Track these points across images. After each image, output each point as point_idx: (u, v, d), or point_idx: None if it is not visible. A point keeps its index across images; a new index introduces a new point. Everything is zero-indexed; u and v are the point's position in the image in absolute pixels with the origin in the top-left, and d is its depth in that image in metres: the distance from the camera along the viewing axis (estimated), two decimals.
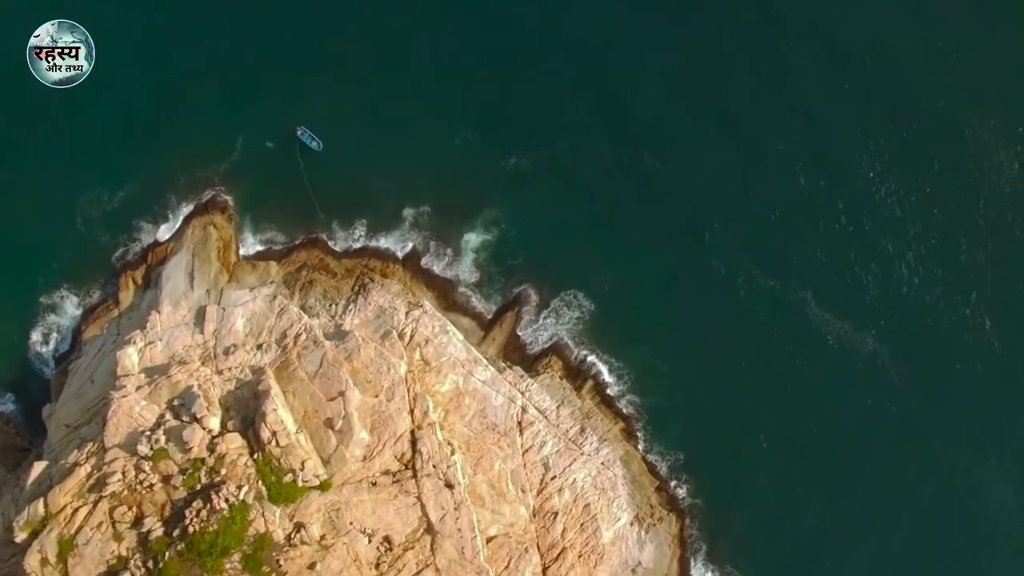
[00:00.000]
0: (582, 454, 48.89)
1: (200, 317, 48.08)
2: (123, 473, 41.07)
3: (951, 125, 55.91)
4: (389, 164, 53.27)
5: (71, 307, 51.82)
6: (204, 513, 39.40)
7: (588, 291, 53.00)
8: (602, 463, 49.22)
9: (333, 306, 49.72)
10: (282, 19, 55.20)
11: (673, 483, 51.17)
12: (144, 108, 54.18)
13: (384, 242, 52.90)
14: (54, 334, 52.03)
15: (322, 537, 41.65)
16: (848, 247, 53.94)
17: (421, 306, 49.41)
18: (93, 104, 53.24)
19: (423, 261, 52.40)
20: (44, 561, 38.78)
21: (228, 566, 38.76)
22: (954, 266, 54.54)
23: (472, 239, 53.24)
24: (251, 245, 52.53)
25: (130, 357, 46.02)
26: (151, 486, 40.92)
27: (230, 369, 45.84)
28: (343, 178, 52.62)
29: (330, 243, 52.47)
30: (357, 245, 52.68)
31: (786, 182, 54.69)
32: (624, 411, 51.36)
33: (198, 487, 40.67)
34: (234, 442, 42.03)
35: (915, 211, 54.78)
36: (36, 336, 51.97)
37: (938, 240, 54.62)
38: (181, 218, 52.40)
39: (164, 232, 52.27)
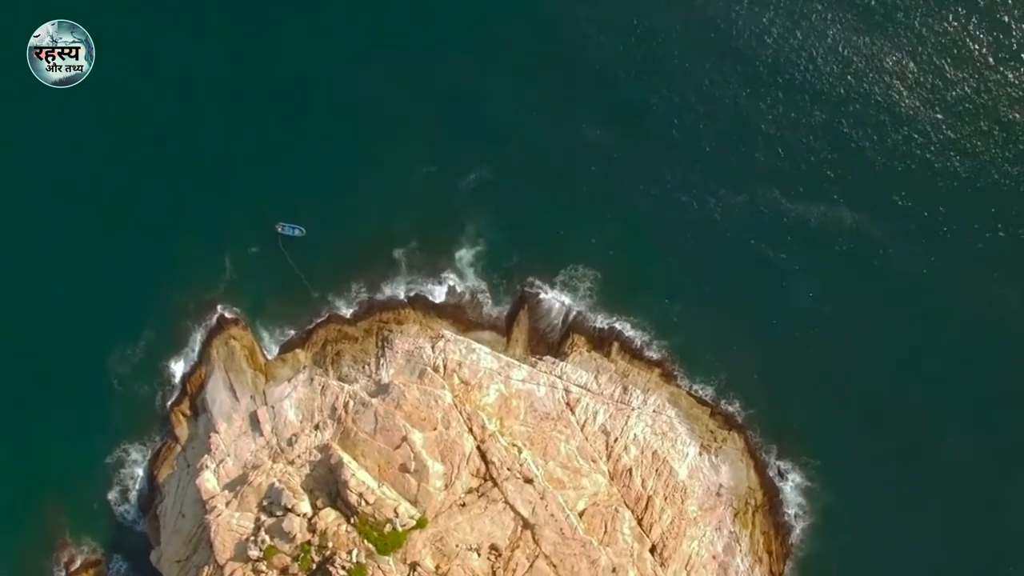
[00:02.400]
0: (633, 410, 53.49)
1: (254, 422, 52.84)
2: None
3: None
4: (366, 221, 57.27)
5: (137, 458, 56.27)
6: None
7: (585, 263, 57.04)
8: (653, 411, 53.83)
9: (366, 367, 54.38)
10: (223, 130, 58.99)
11: (723, 403, 55.44)
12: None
13: (387, 292, 56.90)
14: (131, 489, 56.47)
15: (437, 567, 46.43)
16: (791, 134, 58.17)
17: (442, 336, 53.99)
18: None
19: (428, 295, 56.56)
20: None
21: None
22: (898, 111, 58.83)
23: (464, 256, 57.34)
24: (272, 343, 56.89)
25: (208, 481, 50.92)
26: None
27: (299, 456, 50.59)
28: (330, 251, 56.86)
29: (340, 313, 56.72)
30: (364, 305, 56.89)
31: (713, 103, 58.94)
32: (655, 358, 55.67)
33: (314, 566, 45.46)
34: (329, 516, 46.78)
35: (836, 72, 59.42)
36: (114, 496, 56.19)
37: (875, 93, 59.18)
38: (201, 344, 56.76)
39: (192, 362, 56.78)
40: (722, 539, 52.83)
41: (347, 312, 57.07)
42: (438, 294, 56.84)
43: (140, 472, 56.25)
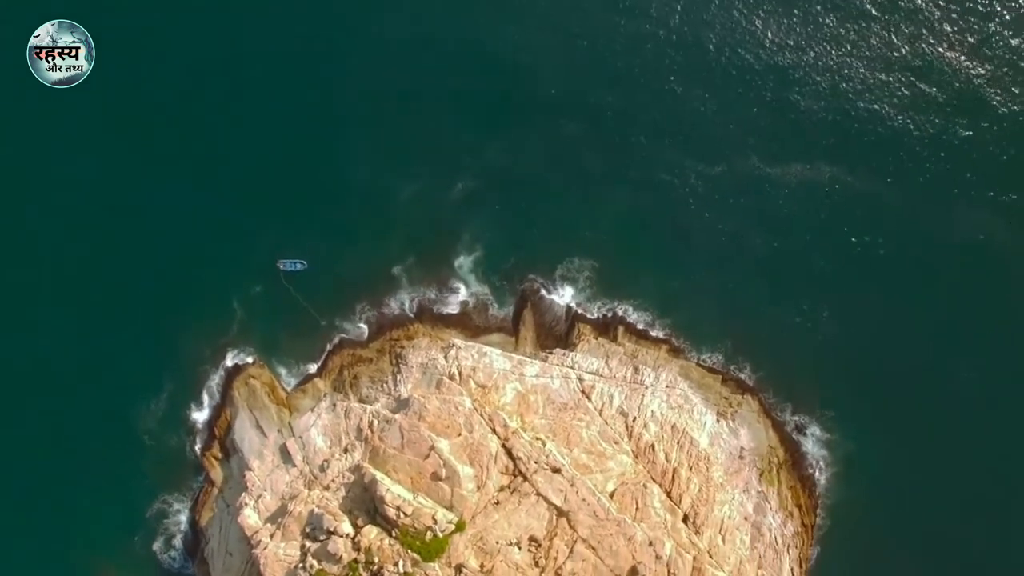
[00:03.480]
0: (646, 388, 55.77)
1: (285, 454, 55.11)
2: None
3: None
4: (363, 245, 59.56)
5: (178, 507, 58.49)
6: None
7: (580, 254, 59.49)
8: (666, 386, 56.12)
9: (384, 385, 56.72)
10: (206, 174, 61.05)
11: (733, 369, 57.85)
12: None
13: (394, 310, 59.26)
14: (176, 536, 58.76)
15: (481, 566, 48.70)
16: (759, 102, 60.97)
17: (453, 345, 56.31)
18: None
19: (433, 308, 58.89)
20: None
21: None
22: (861, 58, 61.66)
23: (464, 263, 59.67)
24: (290, 376, 59.16)
25: (250, 517, 53.18)
26: None
27: (333, 480, 52.85)
28: (333, 280, 59.08)
29: (351, 338, 58.98)
30: (373, 327, 59.03)
31: (679, 84, 61.59)
32: (661, 335, 58.09)
33: None
34: (371, 532, 49.00)
35: (797, 33, 62.19)
36: (159, 546, 58.32)
37: (843, 44, 61.94)
38: (222, 387, 58.88)
39: (215, 405, 58.89)
40: (751, 500, 55.06)
41: (358, 335, 59.35)
42: (451, 304, 59.03)
43: (183, 519, 58.51)
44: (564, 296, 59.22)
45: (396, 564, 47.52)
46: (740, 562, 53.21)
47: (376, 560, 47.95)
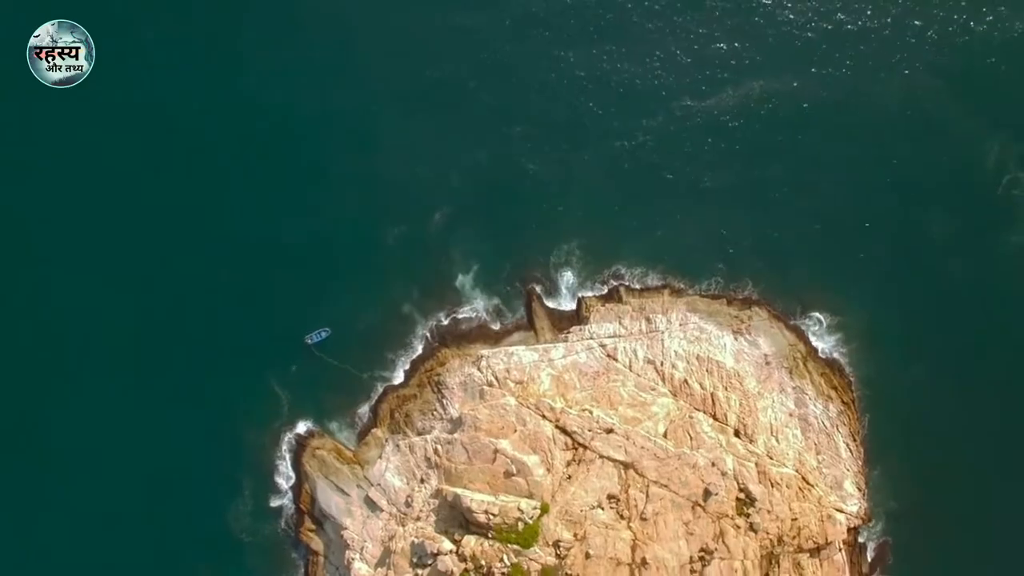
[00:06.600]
0: (663, 333, 62.54)
1: (371, 504, 61.99)
2: None
3: None
4: (369, 296, 65.55)
5: None
6: None
7: (565, 239, 65.82)
8: (679, 324, 62.92)
9: (434, 413, 63.58)
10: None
11: (735, 290, 64.57)
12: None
13: (417, 345, 65.70)
14: None
15: (575, 535, 55.58)
16: (674, 46, 67.44)
17: (482, 356, 63.10)
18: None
19: (452, 330, 65.29)
20: None
21: None
22: None
23: (464, 281, 65.95)
24: (350, 436, 65.69)
25: (360, 569, 60.18)
26: None
27: (421, 510, 59.74)
28: (355, 337, 65.26)
29: (391, 382, 65.44)
30: (406, 365, 65.71)
31: (599, 56, 67.91)
32: (659, 283, 64.75)
33: None
34: (471, 541, 55.76)
35: None
36: None
37: None
38: (293, 466, 65.15)
39: (293, 484, 65.61)
40: (790, 397, 61.80)
41: (395, 379, 65.79)
42: (466, 322, 65.45)
43: None
44: (565, 280, 65.81)
45: (502, 559, 54.43)
46: (798, 454, 60.10)
47: (483, 563, 54.90)
